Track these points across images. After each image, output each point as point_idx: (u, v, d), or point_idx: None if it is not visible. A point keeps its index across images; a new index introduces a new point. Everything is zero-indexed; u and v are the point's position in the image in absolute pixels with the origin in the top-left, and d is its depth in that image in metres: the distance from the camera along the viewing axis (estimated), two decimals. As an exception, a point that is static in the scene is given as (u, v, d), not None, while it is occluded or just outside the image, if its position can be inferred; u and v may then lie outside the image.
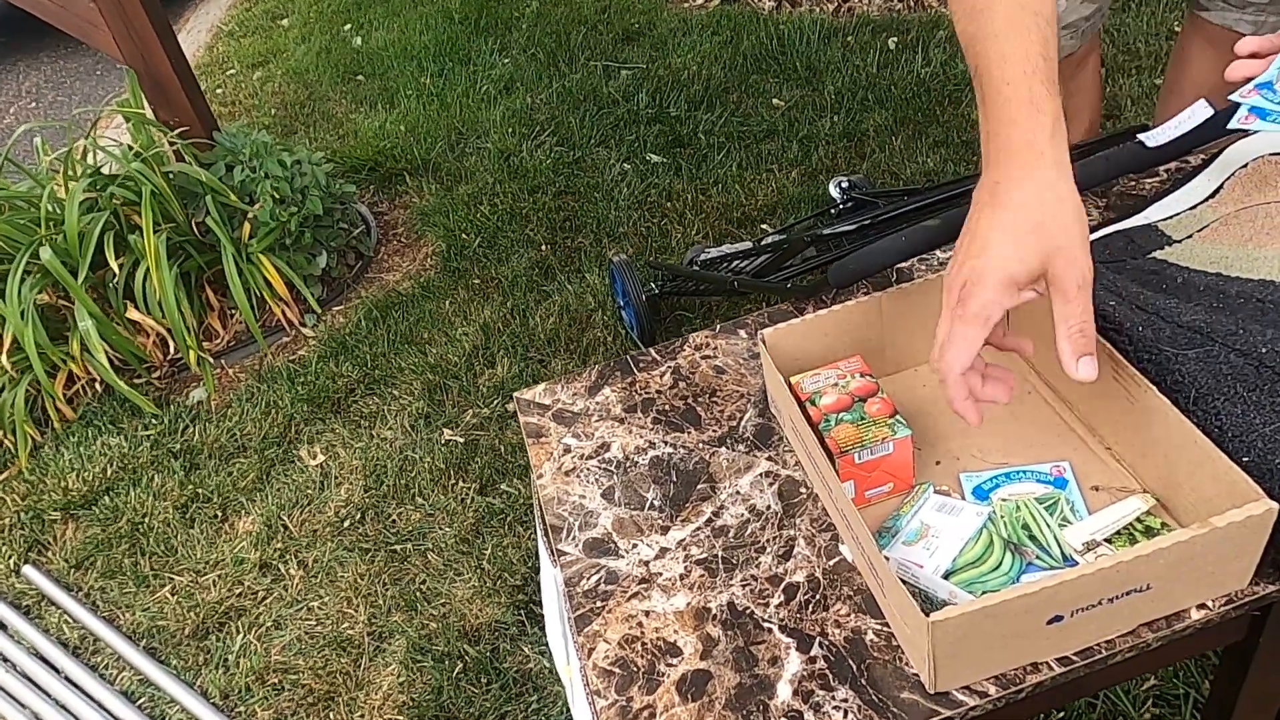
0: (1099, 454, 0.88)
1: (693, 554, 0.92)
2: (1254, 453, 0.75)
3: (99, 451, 2.11)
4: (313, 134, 3.27)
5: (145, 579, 1.81)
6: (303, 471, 1.96)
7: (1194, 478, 0.77)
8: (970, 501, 0.84)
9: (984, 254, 0.71)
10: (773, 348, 0.94)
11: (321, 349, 2.28)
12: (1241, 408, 0.78)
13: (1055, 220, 0.70)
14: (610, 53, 3.32)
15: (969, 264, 0.72)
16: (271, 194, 2.25)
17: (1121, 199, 1.19)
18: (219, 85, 3.83)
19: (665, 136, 2.76)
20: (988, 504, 0.83)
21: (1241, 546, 0.72)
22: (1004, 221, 0.71)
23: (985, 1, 0.74)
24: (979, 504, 0.85)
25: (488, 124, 3.04)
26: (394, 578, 1.71)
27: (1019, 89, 0.72)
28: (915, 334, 0.97)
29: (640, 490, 0.99)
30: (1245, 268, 0.96)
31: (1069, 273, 0.70)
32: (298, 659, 1.61)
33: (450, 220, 2.63)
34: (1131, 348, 0.85)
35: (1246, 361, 0.81)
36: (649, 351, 1.15)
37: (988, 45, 0.74)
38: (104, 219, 2.19)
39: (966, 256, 0.72)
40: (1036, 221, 0.70)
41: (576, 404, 1.11)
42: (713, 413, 1.05)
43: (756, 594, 0.87)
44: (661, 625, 0.86)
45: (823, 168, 2.47)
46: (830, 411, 0.87)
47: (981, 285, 0.70)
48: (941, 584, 0.79)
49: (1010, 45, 0.72)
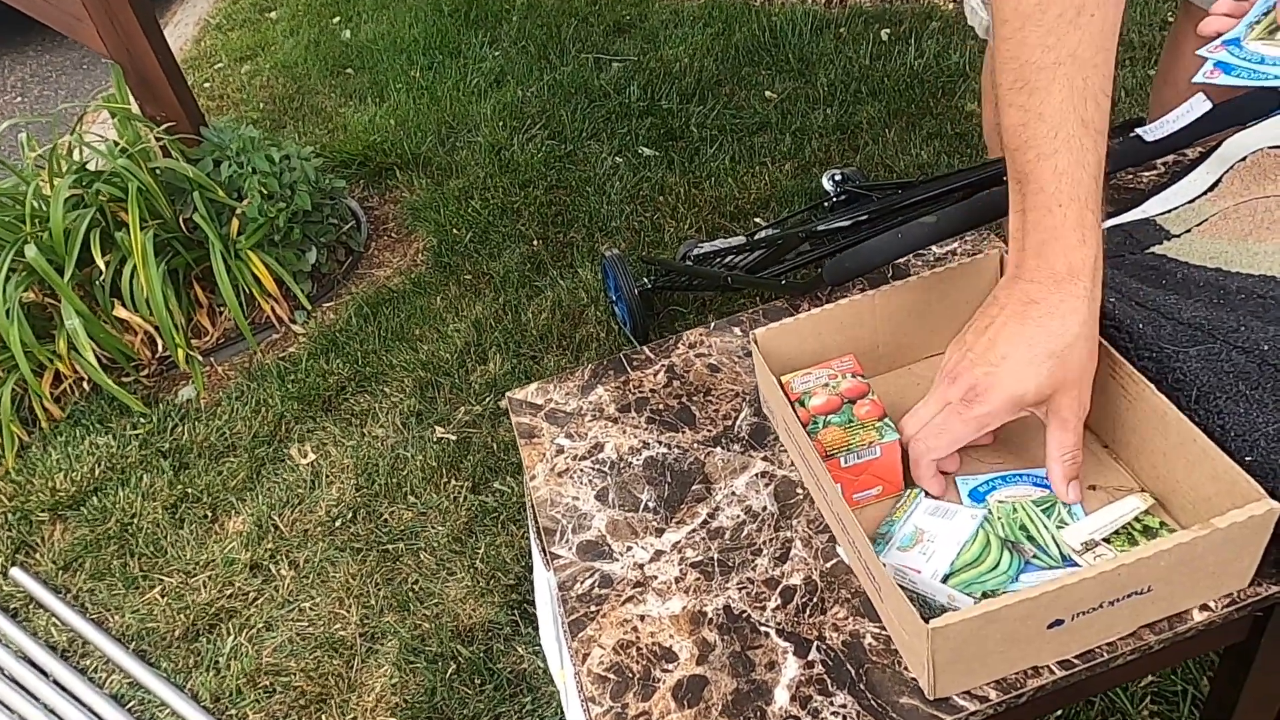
0: (1096, 452, 0.87)
1: (688, 556, 0.91)
2: (1257, 452, 0.74)
3: (87, 451, 2.09)
4: (302, 128, 3.24)
5: (134, 580, 1.79)
6: (293, 470, 1.94)
7: (1193, 477, 0.76)
8: (967, 504, 0.83)
9: (1001, 365, 0.72)
10: (764, 347, 0.92)
11: (312, 346, 2.26)
12: (1244, 406, 0.76)
13: (1075, 356, 0.72)
14: (601, 45, 3.29)
15: (982, 369, 0.73)
16: (260, 190, 2.23)
17: (1119, 193, 1.17)
18: (206, 79, 3.80)
19: (657, 129, 2.74)
20: (984, 506, 0.82)
21: (1243, 547, 0.71)
22: (1028, 340, 0.72)
23: (1041, 80, 0.70)
24: (975, 506, 0.84)
25: (478, 117, 3.02)
26: (386, 578, 1.70)
27: (1070, 214, 0.71)
28: (908, 332, 0.96)
29: (634, 491, 0.98)
30: (1245, 263, 0.94)
31: (1072, 407, 0.73)
32: (289, 660, 1.60)
33: (441, 215, 2.61)
34: (1131, 345, 0.84)
35: (1249, 359, 0.79)
36: (642, 350, 1.13)
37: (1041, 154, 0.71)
38: (90, 216, 2.16)
39: (981, 359, 0.73)
40: (1058, 352, 0.71)
41: (569, 403, 1.10)
42: (707, 412, 1.04)
43: (753, 597, 0.85)
44: (657, 630, 0.85)
45: (816, 160, 2.46)
46: (819, 413, 0.86)
47: (990, 397, 0.72)
48: (940, 588, 0.78)
49: (1066, 162, 0.70)
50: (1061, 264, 0.71)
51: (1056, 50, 0.70)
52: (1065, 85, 0.70)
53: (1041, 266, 0.72)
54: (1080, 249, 0.71)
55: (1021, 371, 0.71)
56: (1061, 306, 0.71)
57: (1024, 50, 0.71)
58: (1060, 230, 0.71)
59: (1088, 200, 0.71)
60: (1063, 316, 0.71)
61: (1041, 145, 0.71)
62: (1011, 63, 0.72)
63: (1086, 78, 0.70)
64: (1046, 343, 0.71)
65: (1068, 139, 0.70)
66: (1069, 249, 0.71)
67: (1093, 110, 0.70)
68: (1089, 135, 0.71)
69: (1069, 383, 0.72)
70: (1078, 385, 0.73)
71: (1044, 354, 0.71)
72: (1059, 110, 0.70)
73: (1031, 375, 0.71)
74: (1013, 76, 0.72)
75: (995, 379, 0.72)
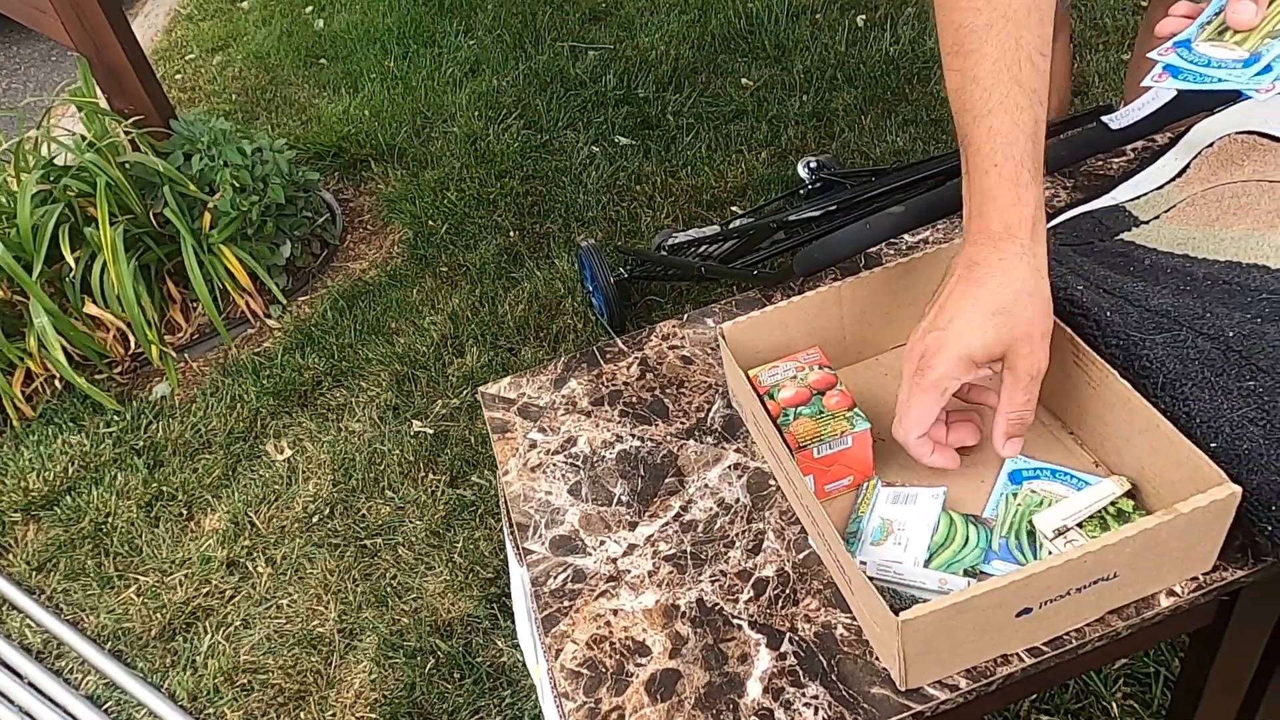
0: (1063, 440, 0.87)
1: (661, 550, 0.90)
2: (1221, 438, 0.75)
3: (60, 450, 2.07)
4: (275, 120, 3.21)
5: (109, 580, 1.78)
6: (269, 466, 1.93)
7: (1158, 463, 0.77)
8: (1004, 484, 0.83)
9: (949, 327, 0.73)
10: (732, 341, 0.92)
11: (287, 341, 2.24)
12: (1209, 393, 0.77)
13: (1023, 310, 0.72)
14: (577, 33, 3.27)
15: (932, 334, 0.74)
16: (231, 183, 2.20)
17: (1089, 179, 1.18)
18: (178, 71, 3.75)
19: (633, 118, 2.73)
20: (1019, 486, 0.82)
21: (1206, 531, 0.72)
22: (974, 299, 0.72)
23: (974, 42, 0.72)
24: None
25: (453, 108, 3.00)
26: (364, 573, 1.69)
27: (1005, 174, 0.71)
28: (875, 323, 0.96)
29: (607, 485, 0.98)
30: (1212, 249, 0.95)
31: (1026, 363, 0.73)
32: (267, 658, 1.59)
33: (417, 207, 2.59)
34: (1099, 332, 0.84)
35: (1214, 346, 0.80)
36: (616, 342, 1.13)
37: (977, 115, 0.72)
38: (58, 212, 2.13)
39: (932, 326, 0.74)
40: (1005, 307, 0.72)
41: (542, 397, 1.09)
42: (680, 404, 1.04)
43: (726, 590, 0.85)
44: (630, 624, 0.85)
45: (792, 148, 2.45)
46: (789, 405, 0.86)
47: (940, 357, 0.73)
48: (929, 574, 0.78)
49: (1000, 122, 0.71)
50: (998, 223, 0.72)
51: (988, 12, 0.71)
52: (998, 46, 0.70)
53: (981, 228, 0.73)
54: (1015, 208, 0.72)
55: (967, 330, 0.72)
56: (1001, 265, 0.72)
57: (957, 13, 0.72)
58: (995, 190, 0.72)
59: (1023, 160, 0.71)
60: (1002, 274, 0.72)
61: (977, 107, 0.71)
62: (948, 28, 0.73)
63: (1020, 38, 0.70)
64: (989, 301, 0.72)
65: (1002, 99, 0.71)
66: (1004, 209, 0.72)
67: (1027, 71, 0.71)
68: (1024, 95, 0.71)
69: (1019, 338, 0.72)
70: (1029, 341, 0.73)
71: (988, 311, 0.72)
72: (992, 72, 0.71)
73: (977, 332, 0.72)
74: (949, 40, 0.73)
75: (943, 340, 0.73)
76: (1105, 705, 1.28)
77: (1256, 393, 0.76)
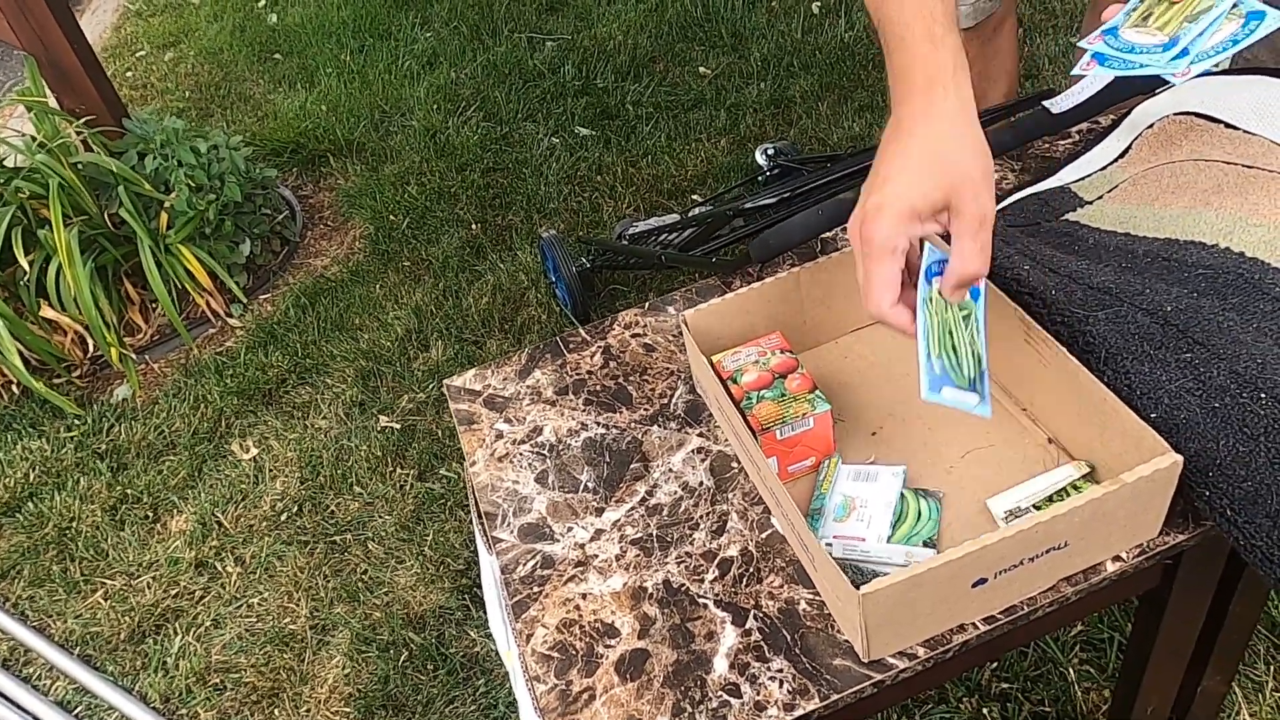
0: (1014, 414, 0.90)
1: (628, 534, 0.92)
2: (1160, 409, 0.78)
3: (19, 456, 2.04)
4: (230, 116, 3.17)
5: (76, 585, 1.76)
6: (235, 466, 1.92)
7: (1104, 435, 0.80)
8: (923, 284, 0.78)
9: (885, 187, 0.71)
10: (694, 328, 0.94)
11: (249, 339, 2.23)
12: (1149, 365, 0.80)
13: (957, 153, 0.71)
14: (534, 24, 3.26)
15: (871, 199, 0.72)
16: (186, 183, 2.18)
17: (1036, 161, 1.21)
18: (129, 68, 3.69)
19: (593, 109, 2.73)
20: (930, 286, 0.76)
21: (1150, 499, 0.75)
22: (905, 152, 0.71)
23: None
24: (891, 466, 0.86)
25: (412, 101, 2.98)
26: (335, 569, 1.69)
27: (916, 30, 0.72)
28: (833, 308, 0.98)
29: (574, 473, 0.99)
30: (1152, 227, 0.98)
31: (971, 206, 0.70)
32: (239, 657, 1.58)
33: (377, 202, 2.58)
34: (1045, 311, 0.87)
35: (1153, 320, 0.83)
36: (579, 331, 1.14)
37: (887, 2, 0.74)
38: (10, 214, 2.10)
39: (869, 193, 0.73)
40: (938, 153, 0.71)
41: (508, 388, 1.11)
42: (644, 391, 1.05)
43: (691, 570, 0.87)
44: (599, 607, 0.87)
45: (751, 135, 2.47)
46: (752, 389, 0.88)
47: (882, 217, 0.71)
48: (895, 549, 0.81)
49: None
50: (920, 77, 0.72)
51: None
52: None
53: (904, 89, 0.73)
54: (934, 56, 0.72)
55: (904, 184, 0.71)
56: (929, 111, 0.71)
57: None
58: (913, 49, 0.72)
59: (934, 15, 0.72)
60: (930, 122, 0.71)
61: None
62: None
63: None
64: (921, 149, 0.71)
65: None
66: (924, 61, 0.72)
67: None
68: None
69: (958, 183, 0.70)
70: (970, 185, 0.70)
71: (920, 161, 0.71)
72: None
73: (915, 183, 0.70)
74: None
75: (882, 202, 0.71)
76: (1063, 670, 1.32)
77: (1193, 364, 0.79)
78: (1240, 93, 1.09)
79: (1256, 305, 0.82)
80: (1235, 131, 1.05)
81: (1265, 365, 0.77)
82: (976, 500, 0.85)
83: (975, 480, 0.86)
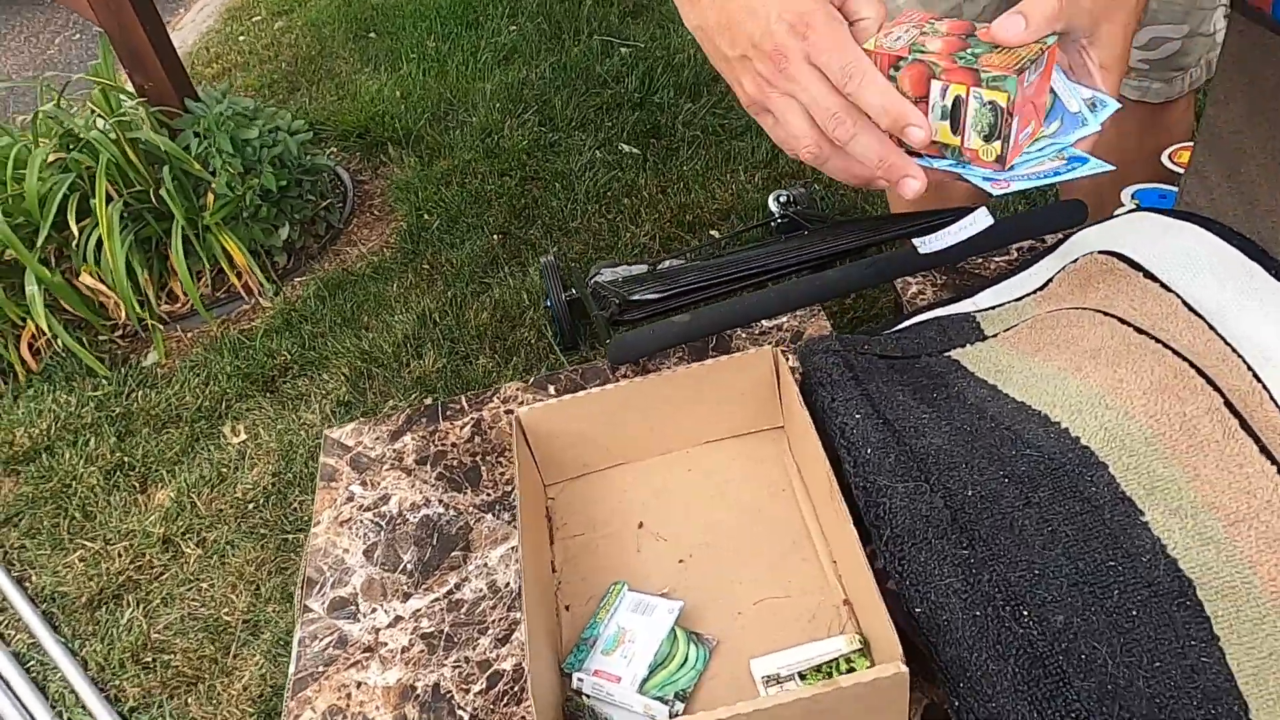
0: (824, 565, 0.86)
1: (422, 626, 0.92)
2: (926, 604, 0.72)
3: (48, 408, 2.20)
4: (314, 93, 3.29)
5: (60, 543, 1.90)
6: (223, 449, 2.02)
7: (868, 618, 0.75)
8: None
9: (759, 10, 0.58)
10: (531, 428, 0.93)
11: (270, 323, 2.33)
12: (925, 555, 0.74)
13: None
14: (615, 28, 3.25)
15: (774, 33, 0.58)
16: (227, 168, 2.28)
17: (963, 277, 1.13)
18: (243, 32, 3.87)
19: (643, 124, 2.71)
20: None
21: (881, 704, 0.70)
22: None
23: None
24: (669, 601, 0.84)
25: (477, 96, 3.02)
26: (280, 567, 1.76)
27: None
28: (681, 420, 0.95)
29: (399, 550, 1.00)
30: (1018, 384, 0.91)
31: None
32: (176, 639, 1.68)
33: (419, 198, 2.64)
34: (854, 470, 0.82)
35: (946, 505, 0.77)
36: (460, 398, 1.14)
37: None
38: (69, 181, 2.25)
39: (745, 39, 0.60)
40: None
41: (375, 449, 1.12)
42: (494, 474, 1.05)
43: (463, 678, 0.87)
44: (368, 699, 0.87)
45: (787, 172, 2.40)
46: (949, 51, 0.64)
47: (815, 33, 0.57)
48: (636, 699, 0.79)
49: None
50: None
51: None
52: None
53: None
54: None
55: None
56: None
57: None
58: None
59: None
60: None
61: None
62: None
63: None
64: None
65: None
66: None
67: None
68: None
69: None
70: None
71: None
72: None
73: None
74: None
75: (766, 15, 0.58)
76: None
77: (968, 563, 0.73)
78: (1171, 239, 0.99)
79: (1062, 504, 0.75)
80: (1152, 285, 0.96)
81: (1041, 578, 0.71)
82: (748, 654, 0.82)
83: (755, 633, 0.83)
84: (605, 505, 0.96)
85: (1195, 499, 0.72)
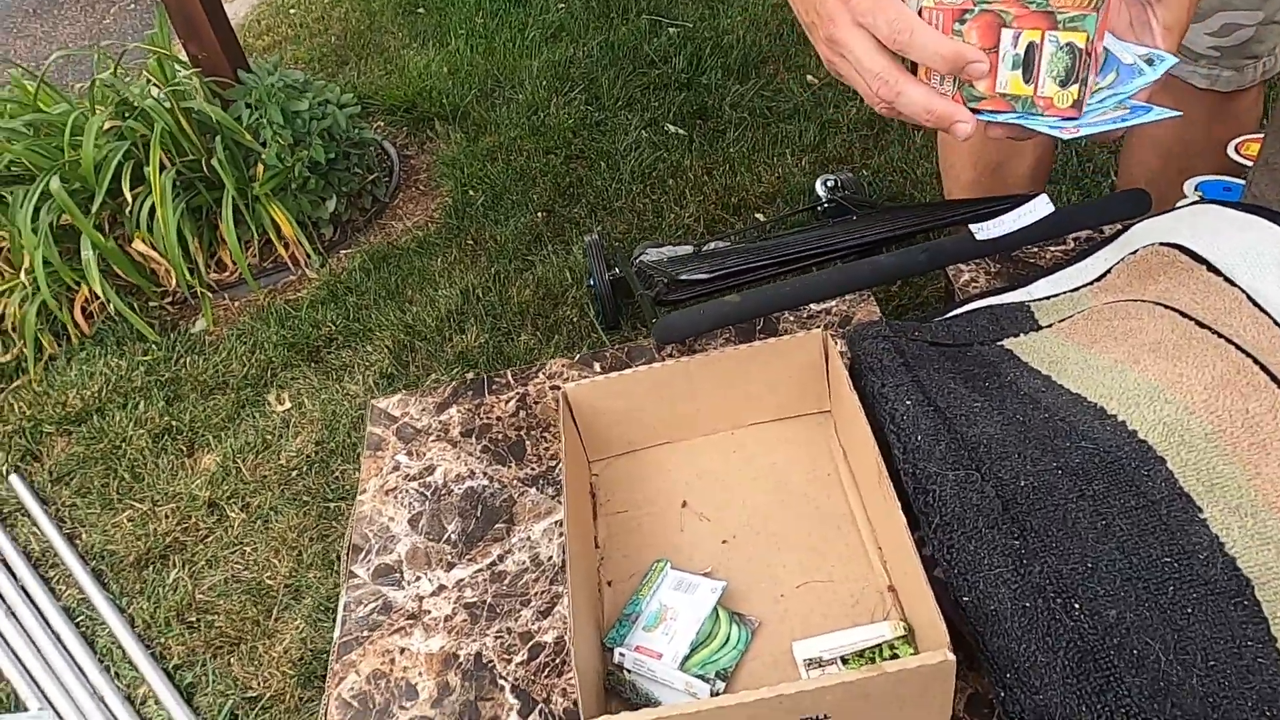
0: (868, 550, 0.85)
1: (465, 596, 0.94)
2: (974, 593, 0.72)
3: (100, 371, 2.25)
4: (362, 67, 3.31)
5: (110, 502, 1.94)
6: (268, 416, 2.05)
7: (913, 603, 0.75)
8: None
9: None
10: (576, 401, 0.93)
11: (315, 294, 2.36)
12: (975, 544, 0.74)
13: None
14: (664, 7, 3.23)
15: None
16: (276, 140, 2.30)
17: (1017, 266, 1.12)
18: (294, 5, 3.90)
19: (690, 105, 2.69)
20: None
21: (925, 690, 0.70)
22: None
23: None
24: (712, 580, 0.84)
25: (524, 74, 3.02)
26: (322, 534, 1.79)
27: None
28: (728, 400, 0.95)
29: (444, 521, 1.01)
30: (1075, 375, 0.89)
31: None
32: (219, 600, 1.71)
33: (464, 174, 2.65)
34: (903, 456, 0.81)
35: (998, 494, 0.76)
36: (505, 373, 1.15)
37: None
38: (125, 149, 2.29)
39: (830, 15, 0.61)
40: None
41: (421, 420, 1.13)
42: (538, 449, 1.06)
43: (504, 648, 0.88)
44: (411, 664, 0.89)
45: (835, 156, 2.38)
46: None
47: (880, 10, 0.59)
48: (677, 676, 0.79)
49: None
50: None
51: None
52: None
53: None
54: None
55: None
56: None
57: None
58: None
59: None
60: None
61: None
62: None
63: None
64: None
65: None
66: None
67: None
68: None
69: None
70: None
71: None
72: None
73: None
74: None
75: None
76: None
77: (1019, 554, 0.72)
78: (1236, 233, 0.97)
79: (1117, 498, 0.74)
80: (1216, 278, 0.94)
81: (1093, 572, 0.70)
82: (790, 636, 0.82)
83: (798, 615, 0.83)
84: (649, 483, 0.96)
85: (1256, 498, 0.71)
